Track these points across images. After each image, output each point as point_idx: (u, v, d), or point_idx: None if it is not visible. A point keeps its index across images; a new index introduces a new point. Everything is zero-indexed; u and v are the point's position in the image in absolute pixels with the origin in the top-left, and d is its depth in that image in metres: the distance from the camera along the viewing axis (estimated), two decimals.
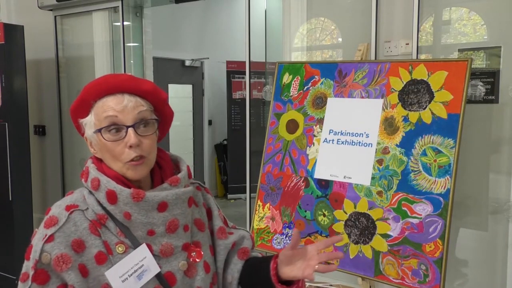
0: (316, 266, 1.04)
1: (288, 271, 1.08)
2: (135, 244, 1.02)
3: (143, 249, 1.02)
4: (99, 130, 1.03)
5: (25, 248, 1.05)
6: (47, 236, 0.99)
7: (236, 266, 1.21)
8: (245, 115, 3.07)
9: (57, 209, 1.04)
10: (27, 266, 1.01)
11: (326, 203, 2.02)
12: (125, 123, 1.02)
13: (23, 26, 3.50)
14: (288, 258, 1.08)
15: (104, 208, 1.03)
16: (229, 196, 6.13)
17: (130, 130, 1.02)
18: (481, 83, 2.23)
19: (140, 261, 1.01)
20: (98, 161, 1.09)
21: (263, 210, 2.21)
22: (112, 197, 1.01)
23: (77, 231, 1.00)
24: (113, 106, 1.02)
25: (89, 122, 1.06)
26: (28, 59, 3.63)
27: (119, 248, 1.01)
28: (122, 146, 1.02)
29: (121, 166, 1.04)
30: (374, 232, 1.88)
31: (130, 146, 1.01)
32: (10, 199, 3.41)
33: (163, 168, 1.12)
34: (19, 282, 1.02)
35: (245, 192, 3.09)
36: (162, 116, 1.12)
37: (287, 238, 2.12)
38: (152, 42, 4.06)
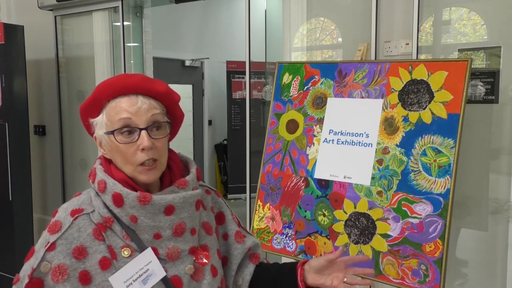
0: (345, 279, 1.13)
1: (317, 278, 1.15)
2: (141, 248, 1.01)
3: (148, 253, 1.01)
4: (112, 132, 1.01)
5: (25, 248, 1.05)
6: (49, 244, 0.98)
7: (248, 269, 1.23)
8: (245, 115, 3.07)
9: (63, 213, 1.03)
10: (23, 271, 1.01)
11: (326, 203, 2.02)
12: (138, 126, 1.01)
13: (23, 26, 3.50)
14: (321, 267, 1.16)
15: (110, 210, 1.02)
16: (229, 196, 6.13)
17: (143, 132, 1.01)
18: (481, 83, 2.23)
19: (146, 265, 1.00)
20: (107, 162, 1.08)
21: (263, 210, 2.21)
22: (118, 200, 1.00)
23: (80, 237, 0.99)
24: (126, 107, 1.01)
25: (100, 122, 1.05)
26: (28, 59, 3.63)
27: (125, 252, 1.00)
28: (134, 148, 1.01)
29: (132, 170, 1.02)
30: (374, 232, 1.88)
31: (143, 149, 1.00)
32: (10, 199, 3.41)
33: (172, 170, 1.11)
34: (13, 285, 1.02)
35: (245, 192, 3.09)
36: (174, 117, 1.12)
37: (287, 238, 2.12)
38: (152, 42, 4.06)
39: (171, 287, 1.03)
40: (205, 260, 1.10)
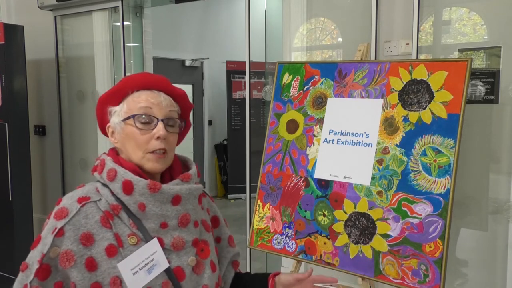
0: None
1: None
2: (147, 237, 1.04)
3: (154, 243, 1.04)
4: (132, 117, 1.06)
5: (25, 248, 1.05)
6: (57, 230, 1.00)
7: (230, 273, 1.29)
8: (245, 115, 3.07)
9: (69, 200, 1.05)
10: (32, 258, 1.02)
11: (326, 203, 2.02)
12: (156, 116, 1.07)
13: (23, 26, 3.50)
14: (289, 283, 1.21)
15: (118, 199, 1.04)
16: (229, 196, 6.13)
17: (160, 123, 1.07)
18: (481, 83, 2.23)
19: (151, 255, 1.03)
20: (115, 154, 1.12)
21: (263, 210, 2.21)
22: (128, 187, 1.02)
23: (87, 224, 1.01)
24: (149, 98, 1.08)
25: (119, 111, 1.10)
26: (28, 59, 3.63)
27: (131, 240, 1.03)
28: (149, 136, 1.06)
29: (141, 157, 1.07)
30: (374, 232, 1.88)
31: (158, 137, 1.06)
32: (10, 199, 3.41)
33: (172, 167, 1.15)
34: (20, 272, 1.03)
35: (245, 192, 3.09)
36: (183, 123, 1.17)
37: (287, 238, 2.12)
38: (152, 42, 4.06)
39: (173, 278, 1.05)
40: (205, 254, 1.13)
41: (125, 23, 3.66)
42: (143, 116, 1.06)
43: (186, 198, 1.07)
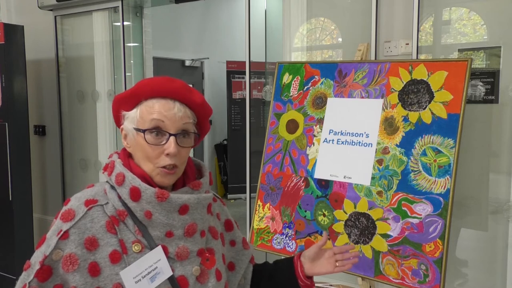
0: (337, 263, 1.24)
1: (312, 268, 1.25)
2: (151, 245, 1.02)
3: (158, 251, 1.02)
4: (142, 131, 1.03)
5: (25, 248, 1.05)
6: (62, 232, 0.99)
7: (249, 269, 1.30)
8: (245, 115, 3.07)
9: (76, 202, 1.04)
10: (34, 258, 1.01)
11: (326, 203, 2.02)
12: (169, 131, 1.03)
13: (23, 26, 3.50)
14: (313, 256, 1.25)
15: (125, 204, 1.03)
16: (229, 196, 6.13)
17: (172, 138, 1.03)
18: (481, 83, 2.23)
19: (155, 263, 1.01)
20: (126, 157, 1.09)
21: (263, 210, 2.21)
22: (135, 194, 1.01)
23: (92, 228, 1.00)
24: (162, 110, 1.03)
25: (132, 117, 1.06)
26: (28, 59, 3.63)
27: (136, 247, 1.01)
28: (159, 151, 1.03)
29: (152, 169, 1.04)
30: (374, 232, 1.88)
31: (168, 154, 1.03)
32: (10, 199, 3.41)
33: (186, 172, 1.12)
34: (23, 271, 1.02)
35: (245, 192, 3.09)
36: (201, 129, 1.15)
37: (287, 238, 2.12)
38: (152, 42, 4.06)
39: (177, 286, 1.04)
40: (210, 264, 1.11)
41: (125, 23, 3.66)
42: (154, 130, 1.03)
43: (194, 207, 1.05)
